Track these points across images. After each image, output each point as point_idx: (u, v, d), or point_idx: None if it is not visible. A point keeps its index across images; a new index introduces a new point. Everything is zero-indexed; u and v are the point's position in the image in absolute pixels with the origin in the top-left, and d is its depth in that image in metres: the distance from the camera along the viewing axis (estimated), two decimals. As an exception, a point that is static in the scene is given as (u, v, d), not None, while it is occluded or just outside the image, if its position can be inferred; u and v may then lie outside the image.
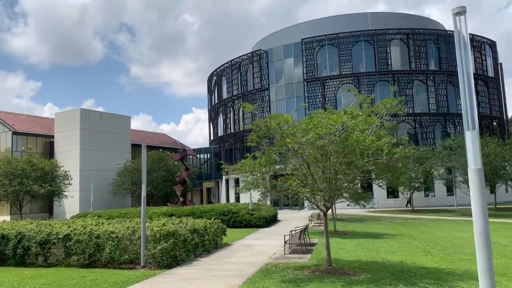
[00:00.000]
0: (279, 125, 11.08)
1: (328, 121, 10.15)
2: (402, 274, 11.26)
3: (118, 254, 13.01)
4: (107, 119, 50.61)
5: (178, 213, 26.51)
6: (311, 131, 10.09)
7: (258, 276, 11.12)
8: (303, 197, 10.78)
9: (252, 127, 11.57)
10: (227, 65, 58.56)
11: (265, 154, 11.48)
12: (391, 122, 11.35)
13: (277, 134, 11.13)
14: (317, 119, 10.78)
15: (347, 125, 10.35)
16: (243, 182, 11.71)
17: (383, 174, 11.17)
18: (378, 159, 10.36)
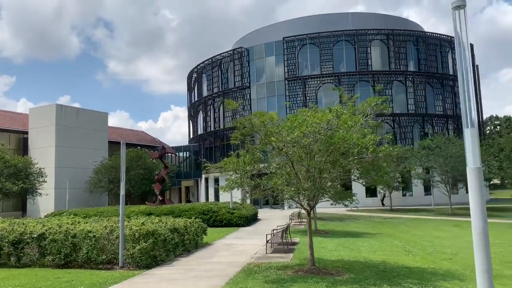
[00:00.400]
0: (263, 123, 10.85)
1: (313, 119, 9.98)
2: (386, 274, 11.19)
3: (96, 254, 12.58)
4: (83, 115, 49.50)
5: (157, 212, 26.03)
6: (296, 130, 9.90)
7: (241, 277, 10.88)
8: (287, 196, 10.58)
9: (236, 125, 11.30)
10: (207, 62, 58.04)
11: (249, 152, 11.24)
12: (375, 121, 11.26)
13: (261, 132, 10.90)
14: (302, 117, 10.60)
15: (332, 123, 10.20)
16: (227, 181, 11.44)
17: (368, 173, 11.06)
18: (363, 158, 10.25)
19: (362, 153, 10.07)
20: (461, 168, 34.18)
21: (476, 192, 3.94)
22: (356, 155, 10.11)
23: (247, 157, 10.70)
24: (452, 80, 51.21)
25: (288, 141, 9.93)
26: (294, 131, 9.85)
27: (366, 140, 9.73)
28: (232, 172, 11.17)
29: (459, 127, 50.50)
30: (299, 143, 9.96)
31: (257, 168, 11.01)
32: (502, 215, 34.35)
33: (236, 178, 10.87)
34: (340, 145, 9.81)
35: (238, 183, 10.91)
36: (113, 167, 44.66)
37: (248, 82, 52.10)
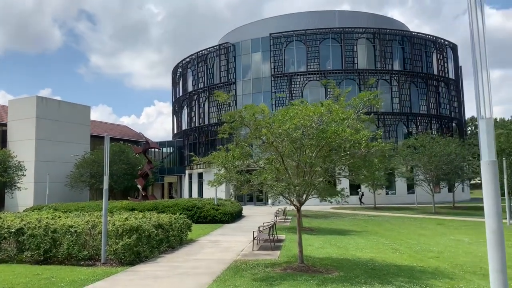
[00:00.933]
0: (254, 116, 10.54)
1: (306, 112, 9.71)
2: (375, 272, 11.03)
3: (77, 250, 12.12)
4: (65, 108, 48.43)
5: (140, 208, 25.49)
6: (288, 122, 9.62)
7: (228, 274, 10.58)
8: (277, 192, 10.30)
9: (224, 118, 10.97)
10: (193, 57, 57.38)
11: (238, 146, 10.92)
12: (368, 116, 11.07)
13: (251, 125, 10.59)
14: (294, 111, 10.33)
15: (324, 117, 9.95)
16: (215, 176, 11.09)
17: (359, 170, 10.85)
18: (356, 153, 10.03)
19: (355, 149, 9.86)
20: (445, 167, 34.49)
21: (491, 187, 3.70)
22: (348, 150, 9.90)
23: (237, 152, 10.37)
24: (437, 80, 51.68)
25: (279, 133, 9.64)
26: (286, 123, 9.57)
27: (359, 135, 9.52)
28: (219, 167, 10.82)
29: (443, 127, 51.06)
30: (290, 136, 9.68)
31: (247, 163, 10.69)
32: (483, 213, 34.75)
33: (225, 172, 10.53)
34: (332, 139, 9.58)
35: (227, 178, 10.58)
36: (95, 161, 43.81)
37: (234, 78, 51.68)
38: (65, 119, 47.55)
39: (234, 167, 10.36)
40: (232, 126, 11.07)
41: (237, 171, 10.54)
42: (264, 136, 10.50)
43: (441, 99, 51.92)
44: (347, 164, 10.27)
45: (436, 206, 36.68)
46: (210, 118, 53.92)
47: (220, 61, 53.18)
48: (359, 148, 9.67)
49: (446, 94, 52.74)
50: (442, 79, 52.23)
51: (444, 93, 52.50)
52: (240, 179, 10.48)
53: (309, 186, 10.18)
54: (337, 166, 10.41)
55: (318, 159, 10.09)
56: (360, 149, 9.64)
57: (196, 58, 56.62)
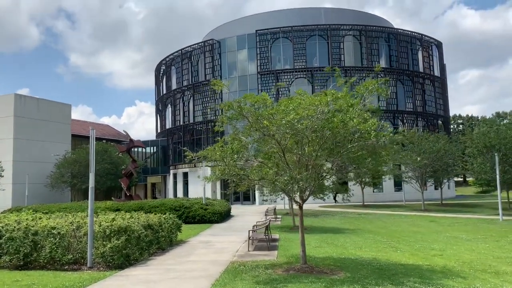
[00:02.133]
0: (254, 106, 9.78)
1: (311, 101, 9.00)
2: (383, 272, 10.38)
3: (60, 253, 11.17)
4: (45, 106, 46.78)
5: (125, 208, 24.44)
6: (291, 113, 8.89)
7: (227, 277, 9.79)
8: (279, 188, 9.53)
9: (222, 107, 10.17)
10: (177, 54, 56.21)
11: (236, 139, 10.13)
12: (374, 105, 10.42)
13: (250, 116, 9.82)
14: (297, 101, 9.60)
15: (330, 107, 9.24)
16: (213, 170, 10.28)
17: (363, 162, 10.14)
18: (365, 144, 9.35)
19: (363, 139, 9.19)
20: (434, 164, 34.27)
21: None
22: (356, 142, 9.22)
23: (235, 144, 9.57)
24: (422, 78, 51.68)
25: (282, 124, 8.89)
26: (289, 114, 8.83)
27: (368, 124, 8.85)
28: (218, 161, 9.98)
29: (429, 124, 51.06)
30: (294, 127, 8.95)
31: (246, 157, 9.89)
32: (474, 210, 34.72)
33: (224, 167, 9.71)
34: (340, 129, 8.89)
35: (225, 173, 9.77)
36: (77, 161, 42.42)
37: (219, 75, 50.71)
38: (45, 118, 45.93)
39: (233, 161, 9.56)
40: (230, 117, 10.27)
41: (236, 165, 9.73)
42: (265, 128, 9.75)
43: (427, 96, 51.94)
44: (352, 157, 9.57)
45: (424, 203, 36.49)
46: (195, 117, 52.87)
47: (205, 58, 52.16)
48: (368, 139, 8.99)
49: (431, 92, 52.79)
50: (427, 77, 52.27)
51: (429, 90, 52.55)
52: (240, 174, 9.69)
53: (313, 180, 9.46)
54: (340, 160, 9.68)
55: (323, 151, 9.39)
56: (370, 139, 8.96)
57: (180, 55, 55.47)
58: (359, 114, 9.17)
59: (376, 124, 8.93)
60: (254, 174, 9.44)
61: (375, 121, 9.00)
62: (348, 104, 9.17)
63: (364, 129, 8.83)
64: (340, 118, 8.80)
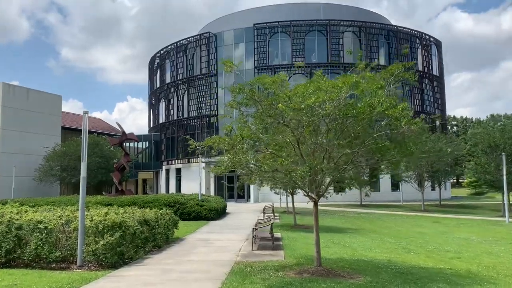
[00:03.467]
0: (267, 89, 8.75)
1: (334, 83, 7.99)
2: (405, 277, 9.41)
3: (47, 251, 10.04)
4: (34, 97, 45.22)
5: (117, 203, 23.14)
6: (311, 96, 7.87)
7: (235, 280, 8.74)
8: (296, 179, 8.47)
9: (231, 90, 9.11)
10: (171, 47, 54.82)
11: (247, 126, 9.07)
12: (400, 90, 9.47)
13: (263, 101, 8.77)
14: (317, 84, 8.58)
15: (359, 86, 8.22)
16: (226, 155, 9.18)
17: (386, 153, 9.11)
18: (396, 132, 8.37)
19: (392, 127, 8.21)
20: (435, 165, 33.47)
21: None
22: (384, 130, 8.24)
23: (245, 131, 8.49)
24: (421, 76, 50.91)
25: (302, 108, 7.86)
26: (310, 97, 7.80)
27: (397, 109, 7.85)
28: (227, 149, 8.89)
29: (427, 123, 50.30)
30: (314, 112, 7.93)
31: (259, 144, 8.80)
32: (474, 212, 34.04)
33: (234, 156, 8.62)
34: (366, 115, 7.88)
35: (235, 162, 8.68)
36: (67, 153, 41.04)
37: (215, 70, 49.49)
38: (34, 109, 44.40)
39: (243, 150, 8.50)
40: (239, 102, 9.20)
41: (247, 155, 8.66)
42: (279, 115, 8.71)
43: (425, 95, 51.23)
44: (375, 147, 8.56)
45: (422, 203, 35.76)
46: (190, 111, 51.56)
47: (201, 51, 50.86)
48: (399, 126, 7.99)
49: (430, 91, 52.09)
50: (426, 76, 51.54)
51: (428, 89, 51.84)
52: (251, 164, 8.62)
53: (335, 172, 8.44)
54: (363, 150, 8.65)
55: (344, 140, 8.39)
56: (400, 127, 7.96)
57: (175, 48, 54.11)
58: (385, 100, 8.17)
59: (408, 109, 7.93)
60: (267, 165, 8.39)
61: (406, 105, 8.02)
62: (378, 85, 8.16)
63: (393, 115, 7.83)
64: (368, 101, 7.80)
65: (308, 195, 9.59)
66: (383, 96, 8.04)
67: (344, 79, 8.15)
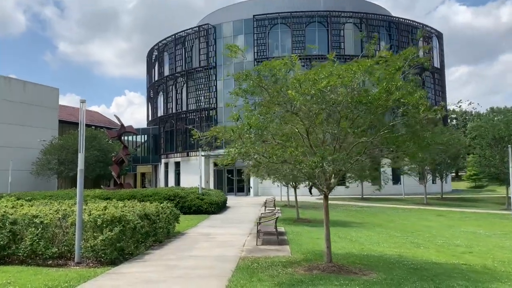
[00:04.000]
0: (275, 74, 8.23)
1: (347, 67, 7.49)
2: (420, 273, 8.96)
3: (43, 246, 9.55)
4: (31, 90, 44.57)
5: (116, 197, 22.64)
6: (323, 80, 7.36)
7: (242, 277, 8.28)
8: (306, 170, 7.99)
9: (236, 77, 8.60)
10: (170, 39, 54.12)
11: (254, 114, 8.56)
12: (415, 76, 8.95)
13: (270, 88, 8.26)
14: (329, 69, 8.06)
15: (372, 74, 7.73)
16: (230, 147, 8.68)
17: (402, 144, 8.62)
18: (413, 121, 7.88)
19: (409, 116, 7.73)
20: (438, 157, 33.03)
21: None
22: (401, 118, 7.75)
23: (253, 119, 7.97)
24: (422, 69, 50.37)
25: (312, 94, 7.35)
26: (321, 82, 7.29)
27: (416, 96, 7.36)
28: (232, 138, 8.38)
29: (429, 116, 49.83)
30: (325, 98, 7.42)
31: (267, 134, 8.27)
32: (477, 205, 33.67)
33: (241, 146, 8.11)
34: (382, 101, 7.39)
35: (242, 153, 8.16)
36: (64, 147, 40.48)
37: (214, 62, 48.90)
38: (31, 102, 43.75)
39: (251, 140, 7.98)
40: (245, 90, 8.69)
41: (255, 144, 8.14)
42: (288, 103, 8.21)
43: (426, 88, 50.66)
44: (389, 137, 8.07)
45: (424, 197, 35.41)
46: (189, 104, 50.99)
47: (200, 43, 50.21)
48: (417, 114, 7.50)
49: (431, 83, 51.60)
50: (427, 68, 50.96)
51: (429, 82, 51.33)
52: (260, 154, 8.12)
53: (349, 162, 7.95)
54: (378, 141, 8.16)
55: (359, 129, 7.90)
56: (418, 114, 7.47)
57: (173, 40, 53.42)
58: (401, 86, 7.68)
59: (426, 97, 7.45)
60: (276, 156, 7.90)
61: (425, 93, 7.53)
62: (395, 66, 7.65)
63: (411, 102, 7.34)
64: (384, 86, 7.30)
65: (318, 188, 9.10)
66: (400, 81, 7.54)
67: (359, 63, 7.65)
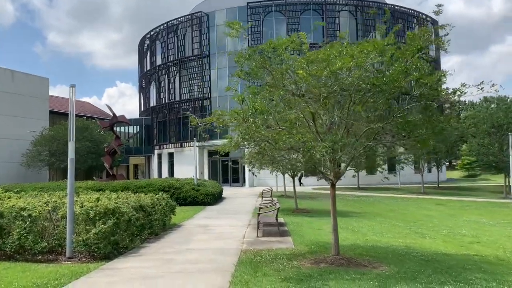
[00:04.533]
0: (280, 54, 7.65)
1: (364, 46, 6.94)
2: (432, 265, 8.51)
3: (32, 241, 8.95)
4: (20, 79, 43.45)
5: (109, 188, 21.95)
6: (336, 61, 6.80)
7: (245, 271, 7.75)
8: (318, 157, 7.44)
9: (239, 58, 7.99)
10: (162, 27, 53.04)
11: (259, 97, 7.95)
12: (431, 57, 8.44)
13: (275, 69, 7.68)
14: (338, 48, 7.49)
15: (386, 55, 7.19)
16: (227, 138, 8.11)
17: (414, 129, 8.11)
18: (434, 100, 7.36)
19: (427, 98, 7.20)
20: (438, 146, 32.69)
21: None
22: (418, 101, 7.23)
23: (258, 103, 7.39)
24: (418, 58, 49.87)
25: (325, 76, 6.79)
26: (335, 63, 6.73)
27: (434, 77, 6.83)
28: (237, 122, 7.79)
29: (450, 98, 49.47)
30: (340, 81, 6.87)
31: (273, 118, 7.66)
32: (474, 194, 33.48)
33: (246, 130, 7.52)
34: (400, 82, 6.85)
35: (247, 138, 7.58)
36: (55, 138, 39.57)
37: (207, 51, 48.02)
38: (20, 92, 42.66)
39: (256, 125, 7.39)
40: (247, 73, 8.09)
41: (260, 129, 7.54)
42: (294, 85, 7.63)
43: (422, 76, 50.29)
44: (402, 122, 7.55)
45: (420, 186, 35.18)
46: (182, 94, 50.15)
47: (193, 31, 49.24)
48: (435, 97, 6.98)
49: (427, 72, 51.14)
50: (422, 57, 50.47)
51: (425, 71, 50.89)
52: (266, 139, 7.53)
53: (357, 149, 7.42)
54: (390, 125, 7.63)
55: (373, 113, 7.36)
56: (438, 97, 6.94)
57: (165, 28, 52.37)
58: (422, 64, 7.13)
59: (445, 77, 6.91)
60: (282, 142, 7.33)
61: (444, 73, 7.00)
62: (417, 46, 7.10)
63: (430, 83, 6.80)
64: (402, 67, 6.76)
65: (325, 177, 8.58)
66: (419, 61, 7.00)
67: (374, 42, 7.08)
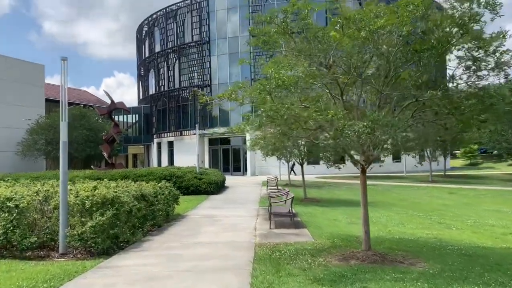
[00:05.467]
0: (305, 17, 6.52)
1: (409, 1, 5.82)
2: (477, 261, 7.48)
3: (20, 235, 7.88)
4: (14, 66, 42.02)
5: (108, 177, 20.78)
6: (379, 19, 5.69)
7: (265, 270, 6.69)
8: (353, 138, 6.36)
9: (258, 19, 6.86)
10: (160, 13, 51.55)
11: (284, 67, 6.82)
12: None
13: (301, 33, 6.56)
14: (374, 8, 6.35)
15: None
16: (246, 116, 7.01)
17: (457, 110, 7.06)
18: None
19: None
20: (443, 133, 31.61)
21: None
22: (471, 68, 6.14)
23: (285, 75, 6.22)
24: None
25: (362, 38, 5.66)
26: (375, 22, 5.62)
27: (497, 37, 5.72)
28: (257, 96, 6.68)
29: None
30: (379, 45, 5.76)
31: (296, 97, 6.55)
32: (483, 182, 32.47)
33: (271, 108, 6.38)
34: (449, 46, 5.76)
35: (271, 114, 6.46)
36: (52, 126, 38.31)
37: (207, 37, 46.65)
38: (15, 79, 41.29)
39: (280, 101, 6.28)
40: (265, 41, 6.96)
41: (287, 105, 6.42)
42: (322, 53, 6.50)
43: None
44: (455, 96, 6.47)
45: (427, 174, 34.20)
46: (181, 81, 48.86)
47: (192, 17, 47.79)
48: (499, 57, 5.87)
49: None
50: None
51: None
52: (296, 116, 6.42)
53: (400, 128, 6.33)
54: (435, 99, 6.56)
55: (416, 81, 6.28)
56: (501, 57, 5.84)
57: (164, 14, 50.89)
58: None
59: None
60: (313, 120, 6.21)
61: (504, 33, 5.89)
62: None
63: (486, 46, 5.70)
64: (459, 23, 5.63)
65: (354, 161, 7.50)
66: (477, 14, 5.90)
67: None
